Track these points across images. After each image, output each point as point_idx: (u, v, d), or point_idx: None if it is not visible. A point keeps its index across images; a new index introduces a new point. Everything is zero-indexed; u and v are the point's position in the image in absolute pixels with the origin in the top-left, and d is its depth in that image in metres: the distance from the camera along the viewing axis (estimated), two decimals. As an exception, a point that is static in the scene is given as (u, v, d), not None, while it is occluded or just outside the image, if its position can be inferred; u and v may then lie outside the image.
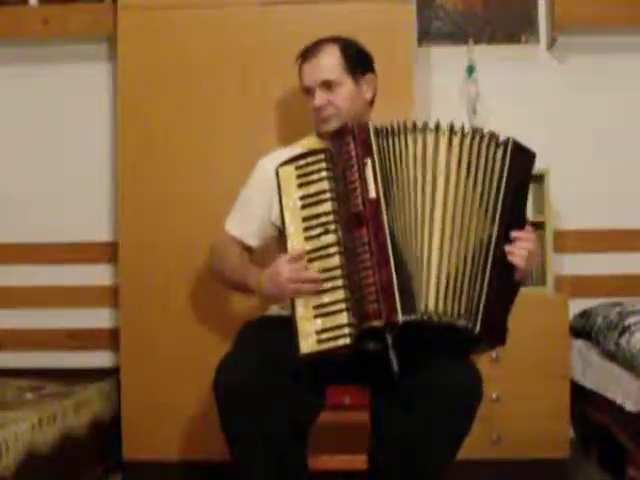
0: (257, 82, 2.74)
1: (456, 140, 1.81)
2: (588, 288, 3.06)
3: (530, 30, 3.15)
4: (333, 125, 2.04)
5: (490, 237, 1.78)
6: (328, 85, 2.07)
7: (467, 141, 1.82)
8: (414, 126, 1.82)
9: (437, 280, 1.75)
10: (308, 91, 2.11)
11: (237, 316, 2.61)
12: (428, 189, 1.79)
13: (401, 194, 1.78)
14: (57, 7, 3.10)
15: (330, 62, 2.07)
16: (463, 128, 1.83)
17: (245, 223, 2.16)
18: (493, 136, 1.83)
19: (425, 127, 1.82)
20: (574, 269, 3.09)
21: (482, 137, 1.82)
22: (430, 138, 1.81)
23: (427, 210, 1.78)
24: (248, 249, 2.17)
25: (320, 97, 2.07)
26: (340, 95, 2.06)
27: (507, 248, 1.79)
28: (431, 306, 1.73)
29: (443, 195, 1.79)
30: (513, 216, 1.82)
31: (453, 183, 1.80)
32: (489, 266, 1.77)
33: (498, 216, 1.79)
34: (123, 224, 2.80)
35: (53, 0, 3.13)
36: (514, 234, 1.81)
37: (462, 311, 1.74)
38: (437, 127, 1.82)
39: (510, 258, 1.79)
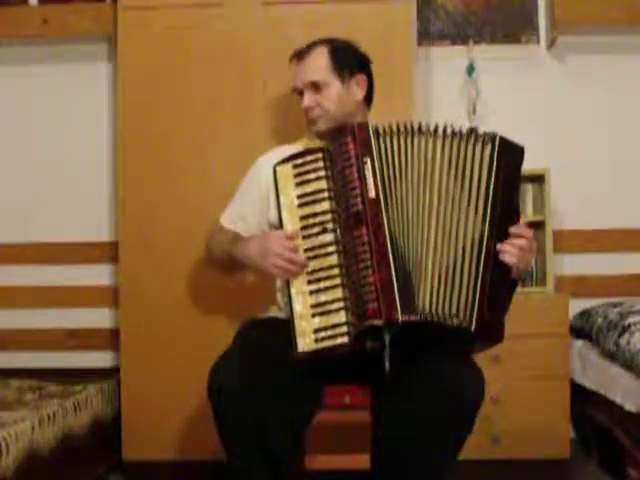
0: (257, 82, 2.75)
1: (447, 141, 1.82)
2: (588, 288, 3.06)
3: (530, 30, 3.15)
4: (321, 126, 2.08)
5: (482, 235, 1.78)
6: (316, 86, 2.08)
7: (456, 141, 1.82)
8: (413, 127, 1.83)
9: (431, 280, 1.75)
10: (298, 92, 2.13)
11: (237, 316, 2.60)
12: (423, 190, 1.80)
13: (400, 194, 1.79)
14: (57, 7, 3.10)
15: (318, 64, 2.08)
16: (453, 129, 1.83)
17: (239, 220, 2.17)
18: (481, 134, 1.83)
19: (420, 128, 1.83)
20: (574, 269, 3.09)
21: (469, 136, 1.83)
22: (425, 140, 1.82)
23: (423, 211, 1.79)
24: None
25: (308, 98, 2.09)
26: (327, 96, 2.07)
27: (498, 246, 1.78)
28: (427, 306, 1.73)
29: (437, 197, 1.80)
30: (505, 213, 1.81)
31: (445, 184, 1.80)
32: (482, 264, 1.76)
33: (489, 214, 1.79)
34: (123, 224, 2.80)
35: (53, 0, 3.13)
36: (511, 230, 1.80)
37: (456, 311, 1.74)
38: (435, 129, 1.83)
39: (501, 257, 1.79)
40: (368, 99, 2.16)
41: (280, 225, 1.86)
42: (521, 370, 2.69)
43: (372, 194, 1.76)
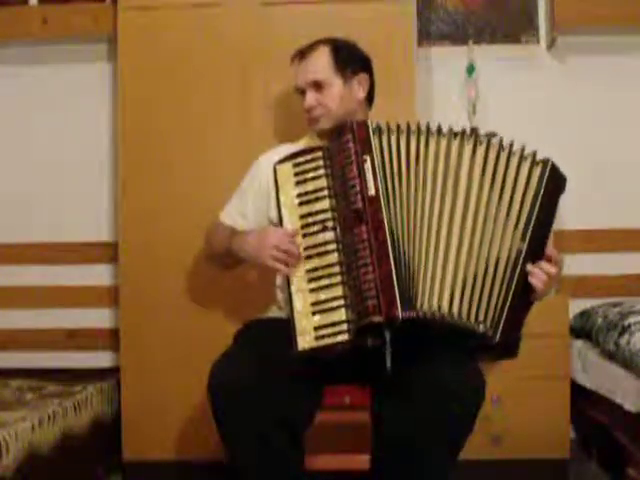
0: (257, 82, 2.75)
1: (480, 149, 1.82)
2: (588, 288, 3.06)
3: (530, 30, 3.15)
4: (323, 125, 2.09)
5: (520, 251, 1.78)
6: (318, 85, 2.09)
7: (493, 151, 1.82)
8: (429, 128, 1.83)
9: (453, 281, 1.74)
10: (300, 91, 2.13)
11: (237, 316, 2.61)
12: (442, 192, 1.79)
13: (404, 192, 1.78)
14: (57, 7, 3.10)
15: (320, 63, 2.09)
16: (489, 137, 1.83)
17: (239, 218, 2.18)
18: (530, 153, 1.83)
19: (439, 129, 1.83)
20: (574, 269, 3.08)
21: (514, 151, 1.83)
22: (447, 142, 1.81)
23: (441, 212, 1.78)
24: None
25: (310, 98, 2.10)
26: (329, 95, 2.08)
27: (529, 268, 1.78)
28: (445, 306, 1.72)
29: (463, 201, 1.79)
30: (541, 235, 1.81)
31: (475, 190, 1.80)
32: (515, 279, 1.77)
33: (529, 233, 1.78)
34: (123, 224, 2.80)
35: (53, 0, 3.13)
36: (547, 252, 1.81)
37: (483, 317, 1.74)
38: (462, 133, 1.83)
39: (530, 279, 1.78)
40: (369, 98, 2.17)
41: (280, 223, 1.86)
42: (521, 370, 2.68)
43: (372, 192, 1.76)
